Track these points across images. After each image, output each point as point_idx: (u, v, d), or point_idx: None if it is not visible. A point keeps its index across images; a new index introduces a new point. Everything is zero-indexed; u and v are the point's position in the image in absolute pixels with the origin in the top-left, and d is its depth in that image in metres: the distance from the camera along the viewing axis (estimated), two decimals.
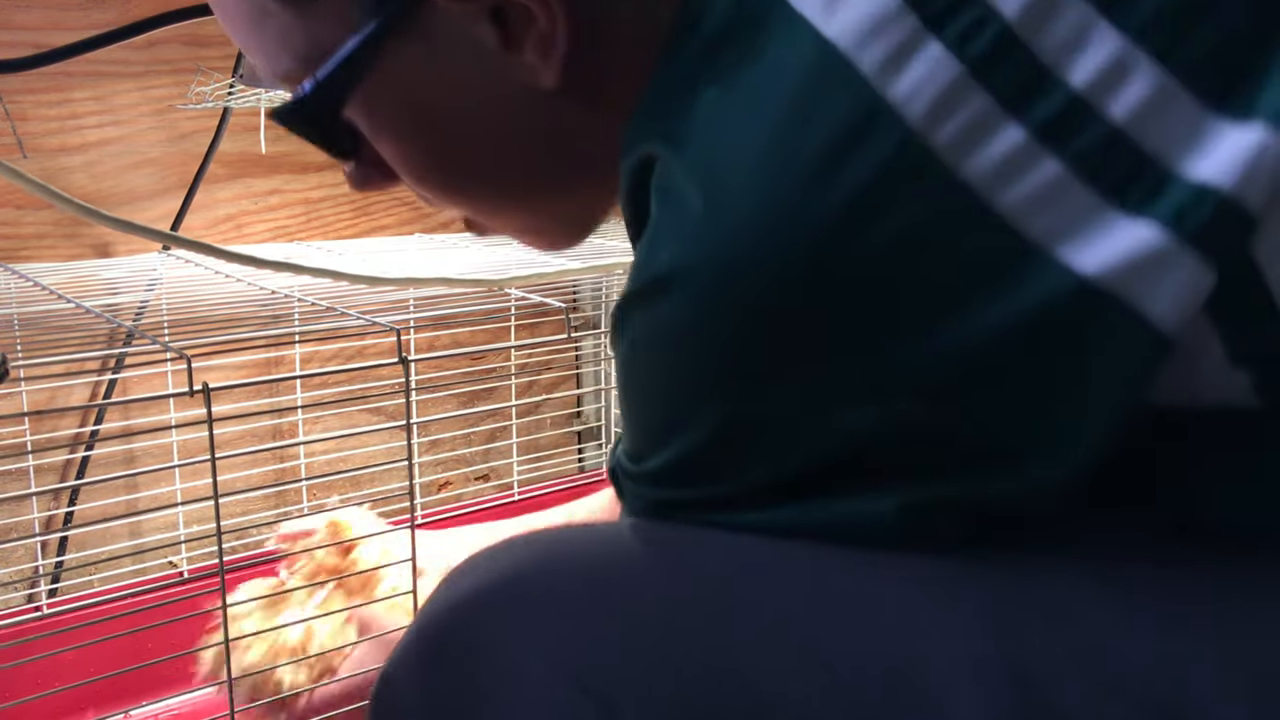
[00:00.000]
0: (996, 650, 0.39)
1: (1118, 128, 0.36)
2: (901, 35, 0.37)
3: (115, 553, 1.21)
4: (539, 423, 1.54)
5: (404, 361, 0.78)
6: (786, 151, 0.38)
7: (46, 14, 1.12)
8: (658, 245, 0.42)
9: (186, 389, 0.70)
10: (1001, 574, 0.41)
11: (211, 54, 1.22)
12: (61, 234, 1.18)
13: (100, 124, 1.19)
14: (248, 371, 1.28)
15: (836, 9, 0.38)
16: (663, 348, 0.43)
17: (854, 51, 0.38)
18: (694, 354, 0.42)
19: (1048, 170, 0.37)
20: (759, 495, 0.44)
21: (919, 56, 0.37)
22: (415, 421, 1.31)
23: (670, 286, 0.41)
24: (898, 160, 0.37)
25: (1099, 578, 0.41)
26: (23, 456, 1.12)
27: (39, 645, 0.87)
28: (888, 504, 0.41)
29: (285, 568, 0.89)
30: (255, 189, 1.31)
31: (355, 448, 1.38)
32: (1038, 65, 0.37)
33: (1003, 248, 0.37)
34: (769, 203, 0.38)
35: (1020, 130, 0.37)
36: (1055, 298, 0.37)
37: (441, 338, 1.36)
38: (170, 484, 1.22)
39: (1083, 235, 0.36)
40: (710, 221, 0.40)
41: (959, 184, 0.37)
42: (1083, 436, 0.39)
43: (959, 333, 0.38)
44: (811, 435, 0.42)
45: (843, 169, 0.37)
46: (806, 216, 0.38)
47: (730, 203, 0.39)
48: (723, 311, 0.40)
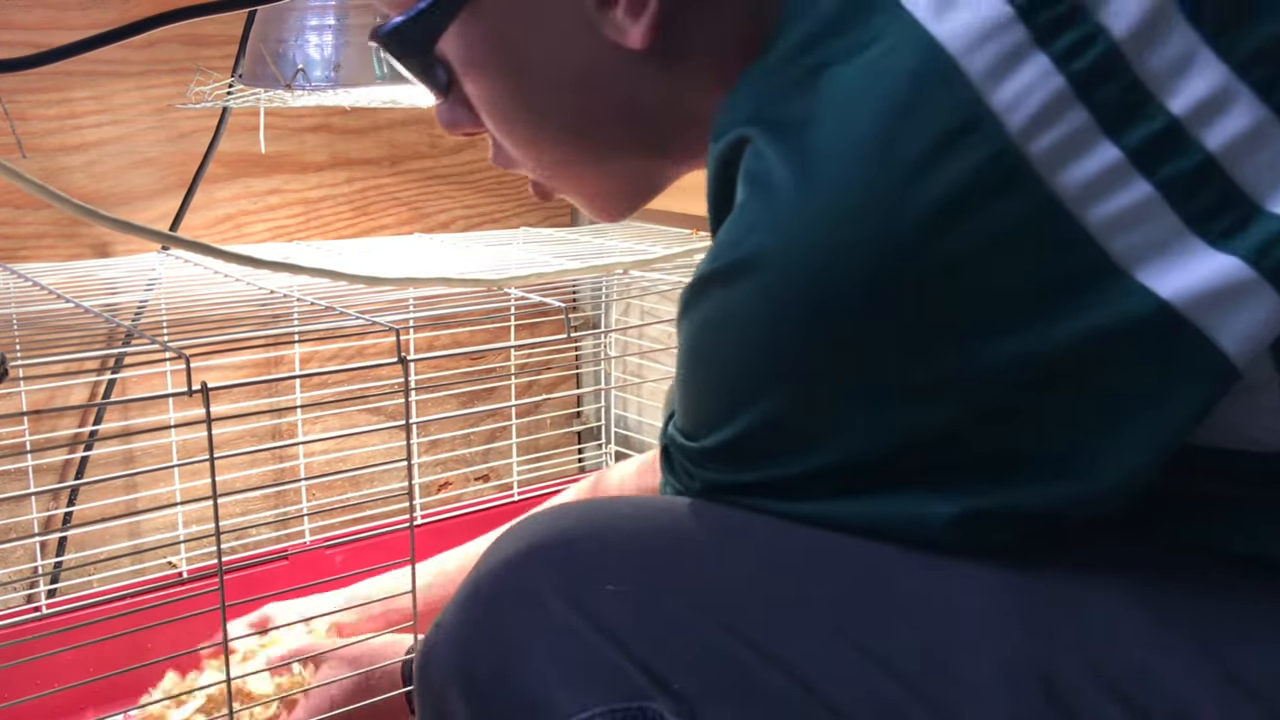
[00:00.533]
0: (1033, 660, 0.40)
1: (1212, 158, 0.37)
2: (1010, 44, 0.38)
3: (114, 553, 1.21)
4: (539, 423, 1.54)
5: (403, 361, 0.78)
6: (887, 146, 0.39)
7: (46, 14, 1.12)
8: (745, 227, 0.43)
9: (185, 389, 0.70)
10: (1046, 583, 0.42)
11: (211, 54, 1.21)
12: (60, 234, 1.18)
13: (99, 124, 1.19)
14: (247, 371, 1.28)
15: (947, 11, 0.39)
16: (737, 328, 0.44)
17: (963, 55, 0.38)
18: (768, 336, 0.43)
19: (1138, 192, 0.37)
20: (811, 485, 0.44)
21: (1025, 67, 0.38)
22: (415, 421, 1.31)
23: (754, 269, 0.42)
24: (993, 166, 0.38)
25: (1137, 595, 0.41)
26: (22, 456, 1.11)
27: (38, 645, 0.87)
28: (947, 508, 0.42)
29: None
30: (254, 189, 1.30)
31: (354, 448, 1.38)
32: (1140, 87, 0.37)
33: (1085, 263, 0.38)
34: (864, 196, 0.39)
35: (1115, 150, 0.37)
36: (1133, 318, 0.37)
37: (441, 337, 1.36)
38: (169, 484, 1.22)
39: (1165, 259, 0.37)
40: (803, 209, 0.40)
41: (1049, 196, 0.37)
42: (1140, 457, 0.39)
43: (1033, 341, 0.39)
44: (872, 430, 0.42)
45: (940, 169, 0.38)
46: (900, 212, 0.38)
47: (825, 192, 0.40)
48: (804, 298, 0.41)
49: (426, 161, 1.43)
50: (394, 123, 1.39)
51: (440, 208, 1.44)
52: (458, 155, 1.45)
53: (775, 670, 0.41)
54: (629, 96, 0.52)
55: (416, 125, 1.41)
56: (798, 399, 0.43)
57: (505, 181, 1.50)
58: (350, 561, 1.16)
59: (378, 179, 1.39)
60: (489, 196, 1.48)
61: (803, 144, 0.41)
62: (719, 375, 0.46)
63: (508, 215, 1.51)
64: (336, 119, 1.34)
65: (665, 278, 1.17)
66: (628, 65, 0.50)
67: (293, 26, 1.06)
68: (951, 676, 0.40)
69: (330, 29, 1.08)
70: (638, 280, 1.21)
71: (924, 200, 0.38)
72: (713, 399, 0.47)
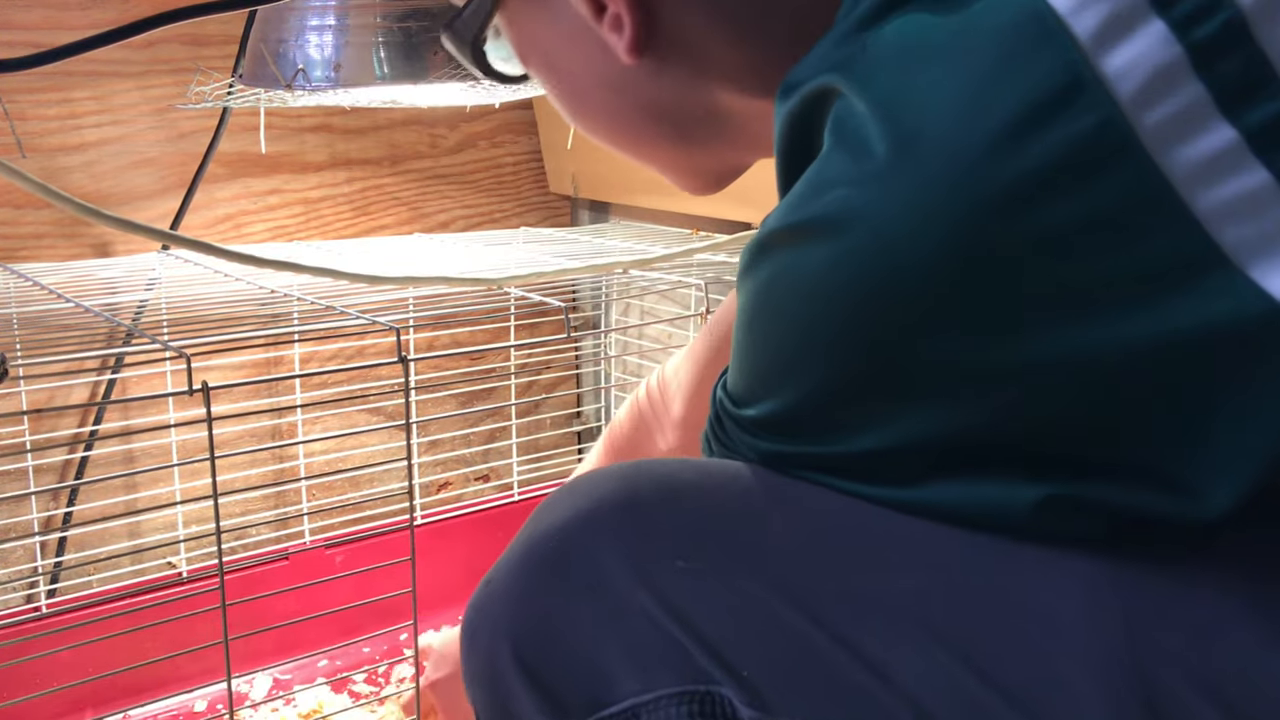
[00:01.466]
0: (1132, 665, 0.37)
1: None
2: (1124, 5, 0.35)
3: (114, 553, 1.21)
4: (539, 423, 1.54)
5: (403, 361, 0.78)
6: (985, 107, 0.36)
7: (46, 13, 1.12)
8: (826, 182, 0.39)
9: (186, 388, 0.70)
10: (1146, 581, 0.39)
11: (211, 54, 1.21)
12: (61, 233, 1.18)
13: (100, 124, 1.19)
14: (247, 371, 1.28)
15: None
16: (808, 287, 0.41)
17: (1070, 14, 0.35)
18: (840, 300, 0.40)
19: (1254, 179, 0.34)
20: (877, 465, 0.42)
21: (1140, 32, 0.35)
22: (415, 421, 1.31)
23: (836, 228, 0.39)
24: (1099, 136, 0.35)
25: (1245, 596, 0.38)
26: (22, 456, 1.12)
27: (38, 645, 0.87)
28: (1030, 495, 0.39)
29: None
30: (254, 189, 1.31)
31: (354, 447, 1.38)
32: (1264, 63, 0.35)
33: (1192, 251, 0.35)
34: (959, 158, 0.36)
35: (1232, 130, 0.34)
36: (1240, 317, 0.34)
37: (441, 337, 1.36)
38: (169, 484, 1.22)
39: (1278, 256, 0.34)
40: (893, 169, 0.37)
41: (1158, 175, 0.34)
42: (1239, 465, 0.36)
43: (1129, 331, 0.36)
44: (943, 410, 0.39)
45: (1037, 136, 0.35)
46: (996, 179, 0.35)
47: (918, 153, 0.37)
48: (884, 263, 0.38)
49: (426, 161, 1.43)
50: (394, 123, 1.39)
51: (440, 208, 1.44)
52: (458, 155, 1.45)
53: (853, 661, 0.39)
54: (649, 99, 0.52)
55: (416, 125, 1.41)
56: (863, 370, 0.40)
57: (505, 181, 1.50)
58: (350, 561, 1.17)
59: (378, 179, 1.39)
60: (489, 196, 1.48)
61: (894, 99, 0.38)
62: (780, 339, 0.43)
63: (508, 215, 1.51)
64: (336, 119, 1.34)
65: (665, 277, 1.17)
66: (634, 73, 0.50)
67: (293, 26, 1.06)
68: (1045, 679, 0.37)
69: (330, 29, 1.08)
70: (637, 280, 1.21)
71: (1017, 169, 0.35)
72: (772, 364, 0.43)
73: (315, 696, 1.08)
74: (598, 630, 0.42)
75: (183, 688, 1.07)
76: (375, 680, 1.13)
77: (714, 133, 0.53)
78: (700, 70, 0.50)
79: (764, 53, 0.48)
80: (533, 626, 0.44)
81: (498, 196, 1.48)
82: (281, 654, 1.09)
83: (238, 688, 1.06)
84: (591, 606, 0.43)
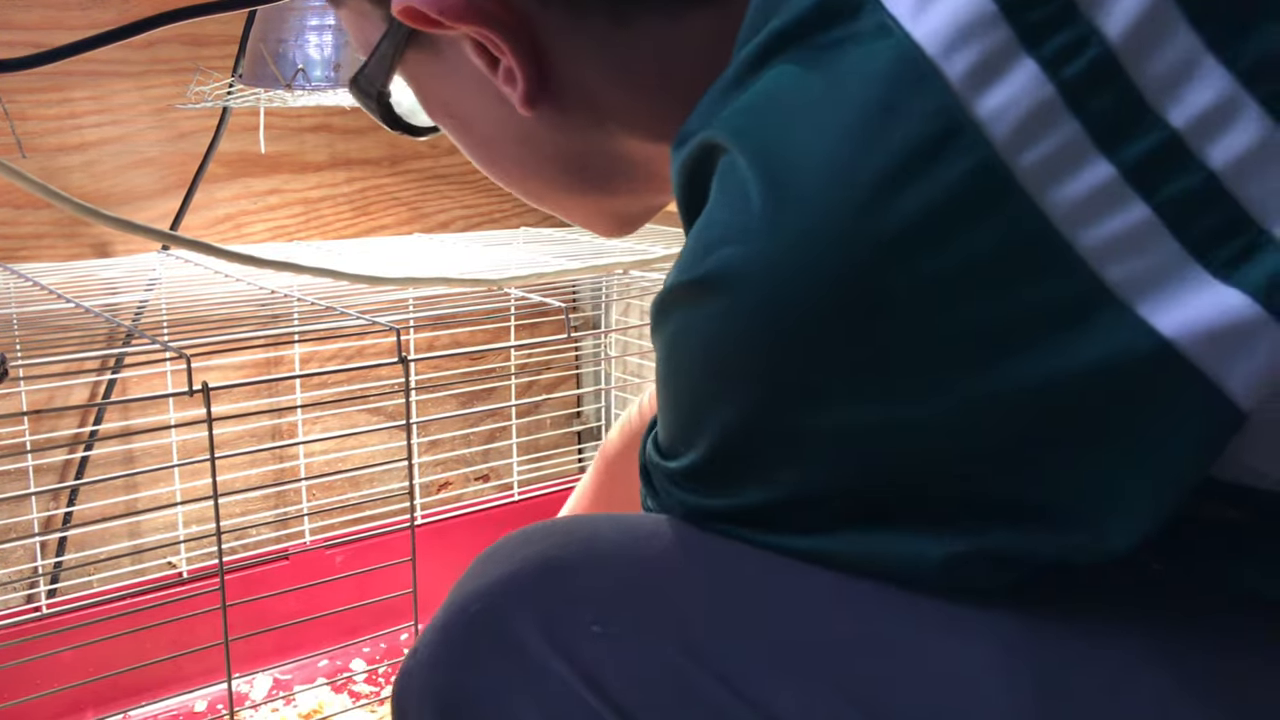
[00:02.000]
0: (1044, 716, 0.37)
1: (1215, 177, 0.34)
2: (993, 45, 0.34)
3: (114, 553, 1.21)
4: (539, 423, 1.54)
5: (403, 361, 0.78)
6: (859, 156, 0.35)
7: (46, 13, 1.12)
8: (710, 239, 0.40)
9: (186, 389, 0.70)
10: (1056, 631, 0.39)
11: (211, 54, 1.21)
12: (60, 234, 1.18)
13: (99, 123, 1.19)
14: (247, 371, 1.28)
15: (927, 9, 0.35)
16: (702, 345, 0.41)
17: (941, 57, 0.35)
18: (730, 356, 0.40)
19: (1136, 214, 0.34)
20: (790, 516, 0.42)
21: (1012, 72, 0.34)
22: (415, 421, 1.31)
23: (719, 286, 0.39)
24: (976, 180, 0.34)
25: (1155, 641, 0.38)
26: (22, 456, 1.12)
27: (38, 645, 0.87)
28: (936, 553, 0.39)
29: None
30: (254, 189, 1.31)
31: (355, 448, 1.38)
32: (1136, 97, 0.34)
33: (1077, 291, 0.34)
34: (835, 211, 0.36)
35: (1109, 166, 0.34)
36: (1129, 355, 0.34)
37: (441, 337, 1.36)
38: (169, 484, 1.22)
39: (1165, 291, 0.34)
40: (770, 222, 0.37)
41: (1039, 215, 0.34)
42: (1138, 505, 0.36)
43: (1016, 375, 0.35)
44: (842, 462, 0.40)
45: (915, 183, 0.35)
46: (874, 230, 0.35)
47: (793, 205, 0.37)
48: (768, 319, 0.38)
49: (426, 161, 1.43)
50: None
51: (440, 208, 1.44)
52: (458, 155, 1.45)
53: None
54: (554, 149, 0.52)
55: None
56: (758, 425, 0.40)
57: None
58: (350, 561, 1.16)
59: (378, 179, 1.39)
60: (489, 196, 1.48)
61: (769, 150, 0.38)
62: (689, 394, 0.43)
63: (508, 215, 1.51)
64: (336, 119, 1.34)
65: (665, 278, 1.17)
66: (534, 124, 0.50)
67: (293, 26, 1.06)
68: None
69: (330, 29, 1.08)
70: (638, 280, 1.21)
71: (896, 218, 0.35)
72: (686, 418, 0.44)
73: (315, 697, 1.08)
74: (515, 698, 0.42)
75: (183, 688, 1.07)
76: (376, 680, 1.13)
77: (622, 178, 0.53)
78: (600, 120, 0.50)
79: (662, 103, 0.48)
80: (454, 698, 0.44)
81: (498, 196, 1.48)
82: (282, 654, 1.10)
83: (238, 688, 1.06)
84: (508, 676, 0.43)
